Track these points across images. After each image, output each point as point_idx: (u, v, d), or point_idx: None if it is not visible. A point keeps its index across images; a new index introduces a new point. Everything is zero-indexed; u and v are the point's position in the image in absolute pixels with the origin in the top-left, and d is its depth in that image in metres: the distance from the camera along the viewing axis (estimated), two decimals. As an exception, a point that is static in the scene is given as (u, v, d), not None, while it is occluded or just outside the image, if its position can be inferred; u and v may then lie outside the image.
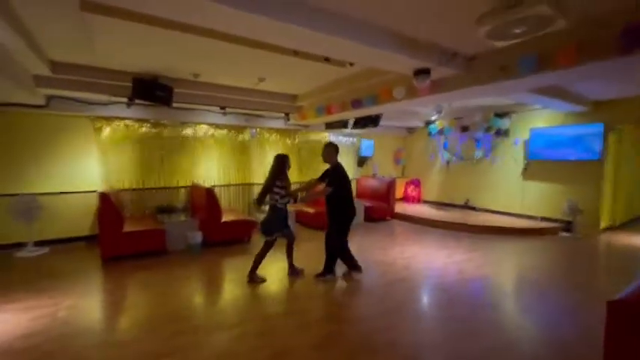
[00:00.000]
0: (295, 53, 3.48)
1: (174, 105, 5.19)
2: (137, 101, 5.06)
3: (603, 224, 6.43)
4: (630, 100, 5.74)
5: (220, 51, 3.64)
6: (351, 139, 8.86)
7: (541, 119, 6.96)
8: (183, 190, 6.46)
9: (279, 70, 4.50)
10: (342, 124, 6.94)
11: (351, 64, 3.98)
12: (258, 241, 5.69)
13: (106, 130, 5.68)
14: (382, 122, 6.80)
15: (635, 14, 2.39)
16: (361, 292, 3.73)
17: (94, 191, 5.28)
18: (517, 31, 2.28)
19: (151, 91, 4.58)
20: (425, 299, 3.59)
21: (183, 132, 6.46)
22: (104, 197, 4.47)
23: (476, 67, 3.60)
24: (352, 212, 3.94)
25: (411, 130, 9.91)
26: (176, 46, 3.57)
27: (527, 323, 3.01)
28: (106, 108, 5.48)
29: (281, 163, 3.86)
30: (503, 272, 4.42)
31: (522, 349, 2.56)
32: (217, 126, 6.82)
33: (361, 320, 3.04)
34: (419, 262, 4.64)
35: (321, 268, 4.02)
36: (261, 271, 4.03)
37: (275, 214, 3.86)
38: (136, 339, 2.66)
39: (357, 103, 5.08)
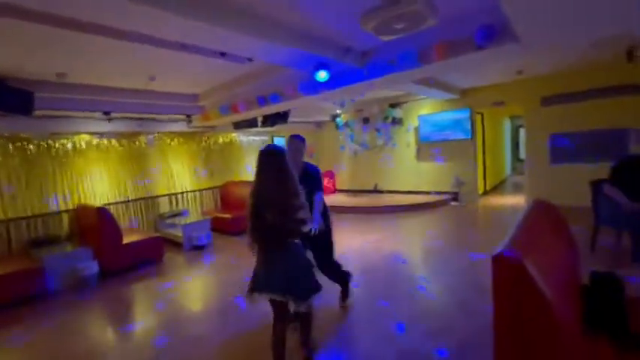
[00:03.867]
0: (183, 47, 3.17)
1: (40, 113, 4.23)
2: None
3: (480, 191, 7.84)
4: (487, 88, 7.05)
5: (91, 46, 3.08)
6: (262, 137, 8.70)
7: (426, 107, 8.01)
8: (65, 214, 5.36)
9: (171, 67, 4.07)
10: (251, 123, 6.73)
11: (250, 60, 3.86)
12: (171, 258, 5.14)
13: None
14: (291, 118, 6.84)
15: (488, 15, 2.90)
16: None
17: None
18: (398, 26, 2.53)
19: (-2, 97, 3.62)
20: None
21: (56, 145, 5.34)
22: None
23: (369, 61, 3.89)
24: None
25: (319, 125, 10.26)
26: (28, 40, 2.88)
27: (436, 289, 3.42)
28: None
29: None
30: (412, 245, 4.97)
31: (435, 314, 2.90)
32: (102, 135, 5.84)
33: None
34: (340, 248, 4.84)
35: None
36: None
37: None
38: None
39: (263, 100, 4.97)
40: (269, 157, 2.00)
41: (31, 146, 5.09)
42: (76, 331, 3.13)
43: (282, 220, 1.92)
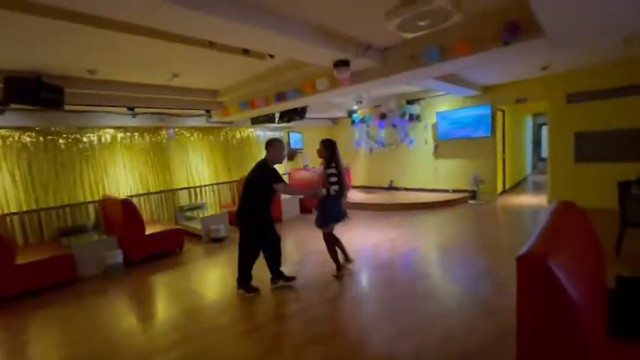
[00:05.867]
0: (211, 45, 3.24)
1: (68, 108, 4.41)
2: (15, 106, 4.16)
3: (499, 189, 7.67)
4: (510, 84, 6.85)
5: (120, 43, 3.19)
6: (278, 133, 8.77)
7: (445, 103, 7.87)
8: (91, 205, 5.60)
9: (194, 65, 4.16)
10: (268, 119, 6.81)
11: (272, 57, 3.89)
12: (190, 250, 5.30)
13: (-27, 144, 4.56)
14: (307, 114, 6.86)
15: (512, 12, 2.83)
16: (303, 284, 3.74)
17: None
18: (422, 23, 2.50)
19: (34, 92, 3.80)
20: (364, 281, 3.78)
21: (83, 139, 5.57)
22: (-19, 227, 3.61)
23: (389, 58, 3.86)
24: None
25: (335, 121, 10.24)
26: (63, 39, 3.01)
27: (454, 288, 3.42)
28: (-31, 116, 4.38)
29: (330, 146, 3.84)
30: (428, 243, 4.94)
31: (455, 313, 2.90)
32: (126, 129, 6.04)
33: (305, 314, 3.01)
34: (355, 245, 4.87)
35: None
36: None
37: (329, 204, 3.72)
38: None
39: (281, 97, 5.02)
40: (336, 147, 3.84)
41: (61, 140, 5.32)
42: (100, 315, 3.30)
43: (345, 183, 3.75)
